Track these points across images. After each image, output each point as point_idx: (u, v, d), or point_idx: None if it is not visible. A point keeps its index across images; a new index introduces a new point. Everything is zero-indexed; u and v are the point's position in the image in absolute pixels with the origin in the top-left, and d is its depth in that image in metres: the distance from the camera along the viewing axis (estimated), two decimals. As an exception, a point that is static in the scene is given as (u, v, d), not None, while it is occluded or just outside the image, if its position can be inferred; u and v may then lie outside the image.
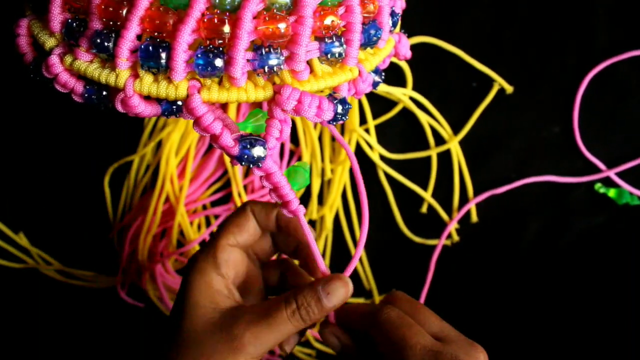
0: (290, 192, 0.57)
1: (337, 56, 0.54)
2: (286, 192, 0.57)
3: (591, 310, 0.93)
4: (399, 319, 0.60)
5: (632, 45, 0.90)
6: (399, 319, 0.60)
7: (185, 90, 0.51)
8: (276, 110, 0.53)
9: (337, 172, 0.91)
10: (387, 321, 0.60)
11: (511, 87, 0.90)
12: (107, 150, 0.92)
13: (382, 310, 0.61)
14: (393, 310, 0.61)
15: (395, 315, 0.60)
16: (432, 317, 0.62)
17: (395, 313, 0.60)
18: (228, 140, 0.52)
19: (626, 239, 0.92)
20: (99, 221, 0.94)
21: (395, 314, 0.60)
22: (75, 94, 0.54)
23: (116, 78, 0.51)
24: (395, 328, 0.59)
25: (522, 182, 0.91)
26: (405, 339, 0.58)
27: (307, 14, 0.50)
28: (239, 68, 0.50)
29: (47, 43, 0.54)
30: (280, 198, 0.58)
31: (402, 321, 0.59)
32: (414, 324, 0.59)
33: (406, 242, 0.93)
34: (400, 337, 0.58)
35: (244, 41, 0.49)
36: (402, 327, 0.59)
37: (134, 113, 0.52)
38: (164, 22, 0.49)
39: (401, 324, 0.59)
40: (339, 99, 0.55)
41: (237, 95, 0.51)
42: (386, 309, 0.61)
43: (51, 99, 0.88)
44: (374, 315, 0.61)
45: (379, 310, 0.61)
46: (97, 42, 0.51)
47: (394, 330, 0.59)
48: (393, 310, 0.61)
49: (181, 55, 0.49)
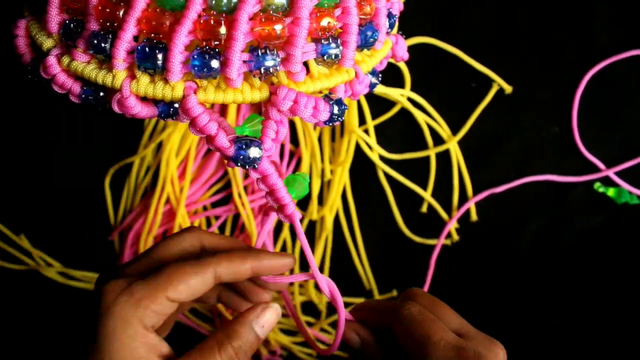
0: (286, 196, 0.56)
1: (333, 57, 0.54)
2: (282, 195, 0.56)
3: (591, 309, 0.93)
4: (420, 315, 0.60)
5: (630, 44, 0.90)
6: (421, 315, 0.60)
7: (182, 91, 0.51)
8: (272, 111, 0.53)
9: (336, 173, 0.91)
10: (409, 317, 0.60)
11: (510, 87, 0.90)
12: (108, 152, 0.92)
13: (404, 305, 0.61)
14: (414, 305, 0.61)
15: (417, 311, 0.60)
16: (452, 313, 0.62)
17: (417, 309, 0.60)
18: (223, 141, 0.52)
19: (626, 237, 0.92)
20: (100, 223, 0.94)
21: (417, 309, 0.60)
22: (72, 94, 0.54)
23: (113, 79, 0.51)
24: (418, 323, 0.59)
25: (521, 181, 0.91)
26: (429, 335, 0.57)
27: (304, 15, 0.51)
28: (235, 69, 0.50)
29: (45, 44, 0.55)
30: (276, 202, 0.57)
31: (424, 317, 0.59)
32: (436, 319, 0.59)
33: (406, 242, 0.93)
34: (423, 333, 0.58)
35: (240, 42, 0.49)
36: (424, 322, 0.59)
37: (131, 114, 0.52)
38: (161, 23, 0.49)
39: (423, 319, 0.59)
40: (335, 99, 0.55)
41: (233, 96, 0.52)
42: (408, 305, 0.61)
43: (51, 100, 0.88)
44: (396, 311, 0.61)
45: (401, 306, 0.61)
46: (94, 43, 0.51)
47: (417, 325, 0.59)
48: (414, 306, 0.60)
49: (177, 56, 0.49)
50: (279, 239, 0.93)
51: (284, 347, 0.95)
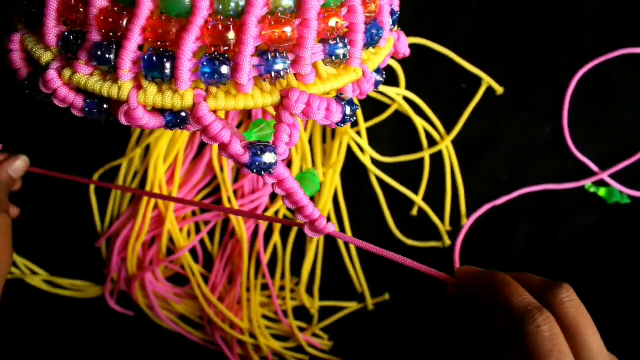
0: (304, 197, 0.56)
1: (341, 57, 0.54)
2: (300, 198, 0.56)
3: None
4: (550, 342, 0.50)
5: (621, 44, 0.90)
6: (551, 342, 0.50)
7: (192, 100, 0.50)
8: (285, 115, 0.52)
9: (328, 176, 0.90)
10: (535, 338, 0.49)
11: (501, 87, 0.90)
12: (93, 157, 0.91)
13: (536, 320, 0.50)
14: (548, 323, 0.50)
15: (548, 334, 0.50)
16: (595, 344, 0.52)
17: (549, 331, 0.50)
18: (238, 148, 0.51)
19: (617, 237, 0.93)
20: (86, 229, 0.93)
21: (549, 332, 0.50)
22: (75, 108, 0.53)
23: (119, 90, 0.50)
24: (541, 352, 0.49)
25: (520, 192, 0.91)
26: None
27: (312, 16, 0.50)
28: (245, 74, 0.49)
29: (43, 58, 0.53)
30: (295, 204, 0.56)
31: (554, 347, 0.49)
32: (567, 355, 0.49)
33: (398, 245, 0.93)
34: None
35: (250, 47, 0.48)
36: (550, 355, 0.49)
37: (138, 125, 0.51)
38: (167, 31, 0.48)
39: (551, 350, 0.49)
40: (346, 100, 0.54)
41: (244, 102, 0.51)
42: (539, 320, 0.50)
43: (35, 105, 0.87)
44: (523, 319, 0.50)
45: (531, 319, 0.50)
46: (98, 55, 0.50)
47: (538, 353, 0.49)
48: (547, 324, 0.50)
49: (186, 64, 0.48)
50: (270, 242, 0.92)
51: (276, 353, 0.94)
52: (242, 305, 0.91)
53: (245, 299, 0.90)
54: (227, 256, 0.93)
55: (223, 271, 0.93)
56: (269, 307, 0.93)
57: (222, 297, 0.93)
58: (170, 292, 0.92)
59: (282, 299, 0.93)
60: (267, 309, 0.93)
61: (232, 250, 0.93)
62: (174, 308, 0.93)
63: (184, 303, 0.93)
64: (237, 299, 0.91)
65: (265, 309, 0.93)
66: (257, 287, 0.92)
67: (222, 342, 0.93)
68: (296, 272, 0.93)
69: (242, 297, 0.90)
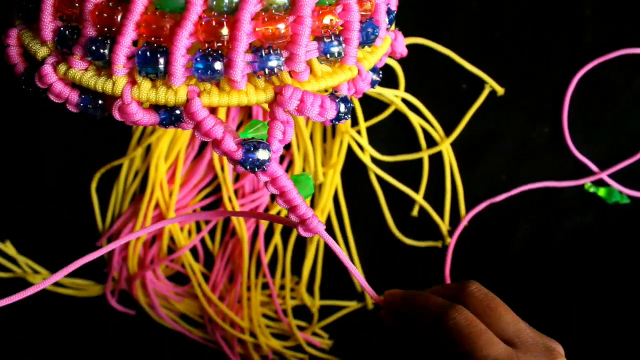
0: (297, 197, 0.56)
1: (336, 55, 0.54)
2: (293, 197, 0.56)
3: (583, 309, 0.93)
4: (467, 326, 0.55)
5: (619, 44, 0.90)
6: (468, 326, 0.55)
7: (185, 95, 0.50)
8: (278, 111, 0.52)
9: (328, 176, 0.90)
10: (454, 328, 0.55)
11: (502, 88, 0.90)
12: (95, 156, 0.91)
13: (449, 314, 0.56)
14: (461, 313, 0.56)
15: (464, 320, 0.55)
16: (508, 316, 0.57)
17: (463, 317, 0.56)
18: (231, 144, 0.51)
19: (616, 237, 0.93)
20: (87, 228, 0.93)
21: (463, 318, 0.55)
22: (70, 103, 0.53)
23: (113, 85, 0.50)
24: (463, 337, 0.54)
25: (519, 189, 0.91)
26: (474, 350, 0.54)
27: (306, 13, 0.50)
28: (239, 71, 0.49)
29: (39, 52, 0.54)
30: (287, 203, 0.56)
31: (472, 329, 0.55)
32: (485, 330, 0.55)
33: (398, 244, 0.93)
34: (468, 348, 0.54)
35: (244, 43, 0.48)
36: (471, 336, 0.54)
37: (132, 121, 0.51)
38: (161, 27, 0.48)
39: (470, 332, 0.54)
40: (340, 97, 0.54)
41: (237, 98, 0.51)
42: (453, 313, 0.56)
43: (36, 104, 0.87)
44: (440, 319, 0.56)
45: (445, 315, 0.56)
46: (93, 50, 0.50)
47: (462, 339, 0.54)
48: (461, 314, 0.56)
49: (180, 59, 0.48)
50: (271, 241, 0.92)
51: (276, 352, 0.94)
52: (242, 304, 0.91)
53: (245, 298, 0.90)
54: (228, 255, 0.93)
55: (223, 270, 0.93)
56: (269, 306, 0.93)
57: (222, 296, 0.93)
58: (171, 291, 0.93)
59: (282, 298, 0.93)
60: (267, 308, 0.93)
61: (232, 250, 0.93)
62: (174, 307, 0.93)
63: (185, 302, 0.93)
64: (237, 298, 0.92)
65: (266, 308, 0.93)
66: (258, 286, 0.92)
67: (222, 340, 0.93)
68: (296, 271, 0.93)
69: (243, 296, 0.90)
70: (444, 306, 0.57)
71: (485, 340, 0.54)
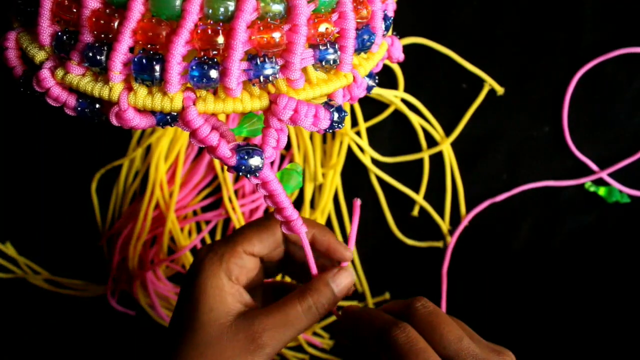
0: (285, 199, 0.57)
1: (331, 63, 0.53)
2: (281, 200, 0.56)
3: (584, 308, 0.93)
4: (407, 344, 0.55)
5: (619, 43, 0.90)
6: (408, 344, 0.55)
7: (181, 103, 0.50)
8: (273, 120, 0.52)
9: (328, 176, 0.90)
10: (394, 345, 0.56)
11: (502, 88, 0.90)
12: (95, 156, 0.91)
13: (390, 331, 0.56)
14: (403, 331, 0.56)
15: (404, 339, 0.56)
16: (451, 334, 0.57)
17: (405, 336, 0.56)
18: (225, 151, 0.51)
19: (617, 236, 0.93)
20: (87, 229, 0.93)
21: (404, 337, 0.56)
22: (67, 107, 0.53)
23: (109, 92, 0.50)
24: (403, 355, 0.55)
25: (520, 188, 0.91)
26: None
27: (302, 22, 0.50)
28: (234, 79, 0.49)
29: (37, 56, 0.53)
30: (275, 205, 0.57)
31: (412, 347, 0.55)
32: (424, 349, 0.55)
33: (398, 245, 0.93)
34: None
35: (239, 52, 0.48)
36: (409, 354, 0.55)
37: (129, 126, 0.52)
38: (157, 34, 0.48)
39: (409, 349, 0.55)
40: (335, 106, 0.54)
41: (232, 105, 0.51)
42: (395, 330, 0.56)
43: (35, 106, 0.87)
44: (382, 335, 0.57)
45: (388, 331, 0.57)
46: (89, 56, 0.50)
47: (401, 356, 0.55)
48: (403, 332, 0.56)
49: (175, 67, 0.48)
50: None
51: (277, 352, 0.94)
52: (242, 304, 0.91)
53: (245, 299, 0.91)
54: (228, 255, 0.93)
55: (224, 270, 0.93)
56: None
57: (223, 296, 0.93)
58: (171, 291, 0.93)
59: (282, 298, 0.93)
60: (267, 308, 0.94)
61: (233, 250, 0.93)
62: (175, 307, 0.93)
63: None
64: (237, 298, 0.92)
65: (266, 308, 0.94)
66: (258, 287, 0.92)
67: (222, 341, 0.93)
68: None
69: (243, 296, 0.91)
70: (388, 322, 0.58)
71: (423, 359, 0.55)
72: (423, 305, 0.59)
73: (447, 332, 0.57)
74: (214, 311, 0.59)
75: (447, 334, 0.57)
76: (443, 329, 0.57)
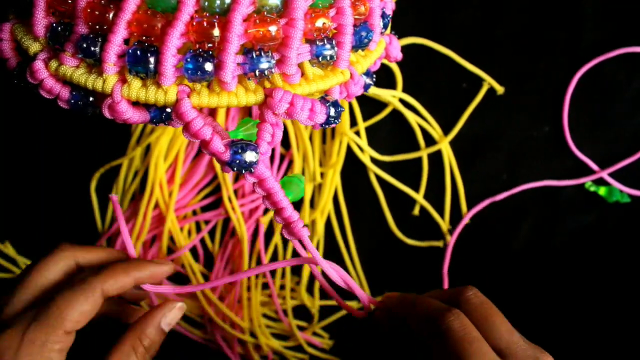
0: (284, 199, 0.56)
1: (328, 59, 0.53)
2: (280, 199, 0.56)
3: (584, 308, 0.93)
4: (461, 331, 0.55)
5: (619, 43, 0.90)
6: (462, 331, 0.55)
7: (175, 95, 0.50)
8: (268, 114, 0.52)
9: (327, 176, 0.90)
10: (448, 332, 0.55)
11: (502, 87, 0.90)
12: (95, 156, 0.91)
13: (445, 317, 0.56)
14: (457, 318, 0.56)
15: (458, 325, 0.55)
16: (503, 327, 0.57)
17: (459, 323, 0.55)
18: (219, 145, 0.51)
19: (617, 236, 0.92)
20: (87, 228, 0.93)
21: (459, 324, 0.55)
22: (61, 100, 0.53)
23: (103, 83, 0.50)
24: (456, 342, 0.54)
25: (520, 188, 0.91)
26: (465, 357, 0.53)
27: (298, 16, 0.50)
28: (229, 72, 0.49)
29: (31, 48, 0.53)
30: (273, 205, 0.56)
31: (466, 335, 0.55)
32: (478, 338, 0.55)
33: (398, 244, 0.93)
34: (459, 353, 0.54)
35: (234, 45, 0.48)
36: (463, 341, 0.54)
37: (122, 119, 0.51)
38: (152, 26, 0.48)
39: (463, 337, 0.54)
40: (331, 101, 0.54)
41: (227, 99, 0.51)
42: (449, 317, 0.56)
43: (34, 103, 0.87)
44: (435, 321, 0.56)
45: (441, 317, 0.56)
46: (84, 47, 0.50)
47: (454, 343, 0.54)
48: (457, 319, 0.56)
49: (170, 59, 0.48)
50: (271, 241, 0.92)
51: (276, 352, 0.94)
52: (242, 304, 0.91)
53: (245, 298, 0.90)
54: (228, 255, 0.93)
55: (223, 270, 0.93)
56: (269, 306, 0.93)
57: (222, 296, 0.93)
58: (171, 291, 0.92)
59: (283, 298, 0.93)
60: (267, 308, 0.93)
61: (232, 250, 0.93)
62: (174, 307, 0.93)
63: (185, 302, 0.93)
64: (237, 298, 0.92)
65: (266, 308, 0.93)
66: (258, 286, 0.92)
67: (222, 341, 0.93)
68: (296, 271, 0.93)
69: (243, 296, 0.90)
70: (441, 309, 0.57)
71: (476, 348, 0.54)
72: (475, 295, 0.59)
73: (500, 323, 0.57)
74: None
75: (499, 325, 0.57)
76: (495, 320, 0.57)
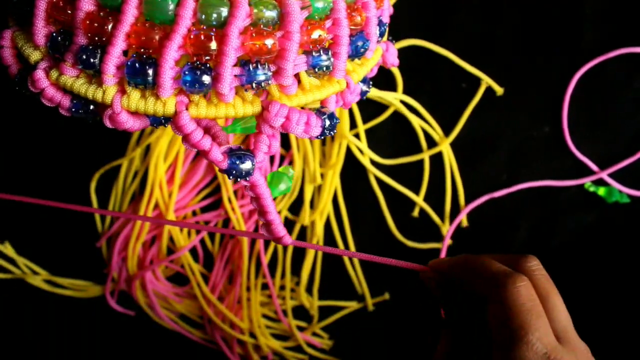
0: (270, 204, 0.57)
1: (324, 69, 0.53)
2: (267, 204, 0.57)
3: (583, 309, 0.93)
4: (529, 301, 0.52)
5: (619, 43, 0.90)
6: (530, 301, 0.52)
7: (173, 107, 0.50)
8: (264, 127, 0.52)
9: (327, 177, 0.90)
10: (515, 297, 0.52)
11: (501, 88, 0.89)
12: (94, 156, 0.91)
13: (514, 281, 0.53)
14: (526, 286, 0.52)
15: (526, 294, 0.52)
16: (562, 309, 0.54)
17: (527, 292, 0.52)
18: (217, 155, 0.51)
19: (616, 236, 0.92)
20: (86, 229, 0.93)
21: (527, 292, 0.52)
22: (62, 108, 0.54)
23: (103, 94, 0.50)
24: (522, 311, 0.51)
25: (519, 186, 0.91)
26: (527, 330, 0.50)
27: (294, 29, 0.50)
28: (226, 84, 0.49)
29: (32, 56, 0.54)
30: (260, 207, 0.58)
31: (534, 306, 0.52)
32: (542, 313, 0.52)
33: (398, 246, 0.93)
34: (522, 325, 0.51)
35: (231, 57, 0.48)
36: (530, 313, 0.51)
37: (123, 128, 0.52)
38: (150, 38, 0.49)
39: (530, 308, 0.51)
40: (327, 113, 0.54)
41: (225, 110, 0.51)
42: (519, 281, 0.53)
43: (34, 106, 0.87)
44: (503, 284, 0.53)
45: (509, 281, 0.53)
46: (83, 58, 0.50)
47: (519, 312, 0.51)
48: (526, 287, 0.52)
49: (168, 71, 0.48)
50: (270, 243, 0.92)
51: (276, 352, 0.94)
52: (242, 304, 0.91)
53: (245, 299, 0.91)
54: (227, 256, 0.93)
55: (223, 271, 0.93)
56: (269, 307, 0.94)
57: (222, 296, 0.93)
58: (171, 291, 0.93)
59: (282, 299, 0.93)
60: (267, 308, 0.94)
61: (232, 250, 0.93)
62: (174, 307, 0.93)
63: (184, 302, 0.93)
64: (237, 299, 0.92)
65: (265, 308, 0.94)
66: (257, 287, 0.92)
67: (222, 341, 0.93)
68: (296, 271, 0.93)
69: (242, 296, 0.91)
70: (508, 273, 0.54)
71: (541, 324, 0.51)
72: (538, 268, 0.56)
73: (560, 305, 0.54)
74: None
75: (559, 306, 0.54)
76: (557, 301, 0.54)
